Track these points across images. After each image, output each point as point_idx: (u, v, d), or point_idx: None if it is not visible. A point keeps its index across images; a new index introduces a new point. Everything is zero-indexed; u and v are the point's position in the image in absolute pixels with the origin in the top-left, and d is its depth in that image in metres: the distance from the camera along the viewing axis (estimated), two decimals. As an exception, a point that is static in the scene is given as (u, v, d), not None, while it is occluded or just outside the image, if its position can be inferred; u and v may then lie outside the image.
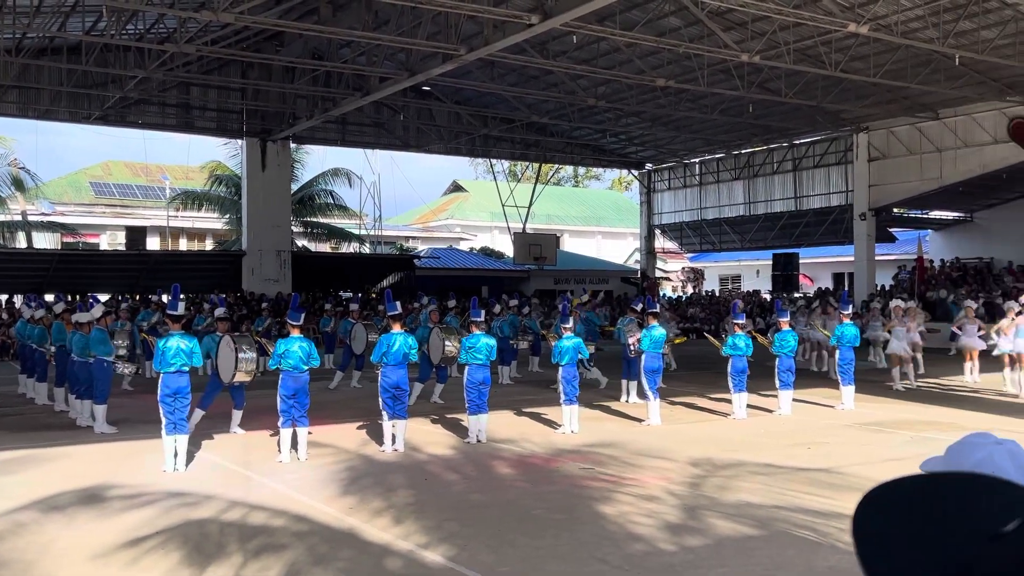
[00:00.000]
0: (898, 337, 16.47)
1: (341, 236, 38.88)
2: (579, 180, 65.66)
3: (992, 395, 15.40)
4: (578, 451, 10.43)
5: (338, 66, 22.62)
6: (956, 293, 27.26)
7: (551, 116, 30.03)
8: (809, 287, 38.95)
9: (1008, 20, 19.30)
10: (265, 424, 11.30)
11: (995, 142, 25.73)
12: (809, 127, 30.15)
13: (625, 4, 18.94)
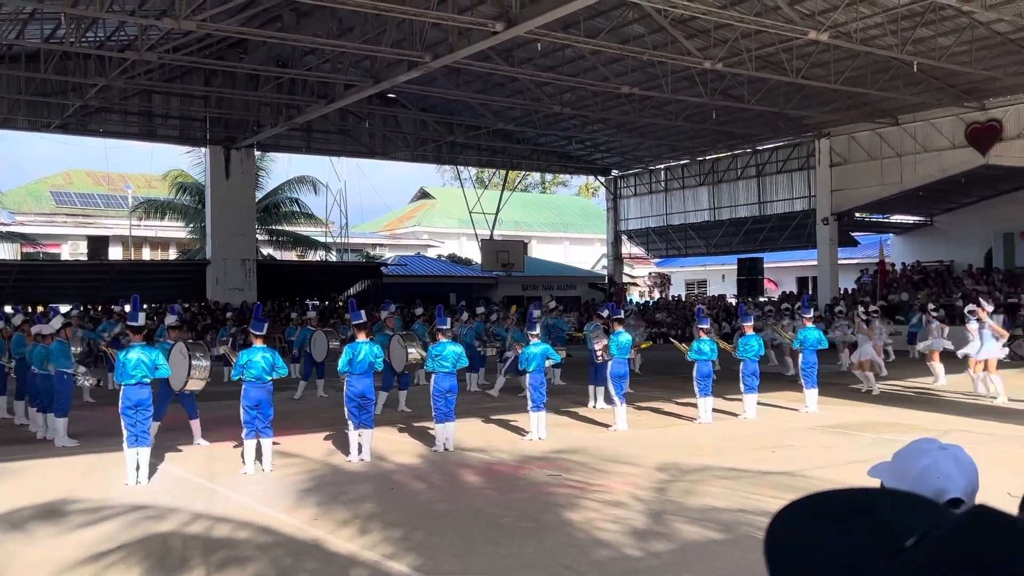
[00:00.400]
0: (862, 342, 16.64)
1: (307, 244, 38.66)
2: (546, 186, 65.87)
3: (954, 397, 15.63)
4: (545, 458, 10.44)
5: (302, 73, 22.52)
6: (916, 296, 27.70)
7: (517, 123, 30.09)
8: (774, 291, 39.35)
9: (964, 28, 19.66)
10: (229, 435, 11.18)
11: (953, 147, 26.18)
12: (772, 133, 30.49)
13: (589, 12, 19.02)
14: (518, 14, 15.87)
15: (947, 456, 1.88)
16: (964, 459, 1.90)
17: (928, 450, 1.90)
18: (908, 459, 1.91)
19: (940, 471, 1.85)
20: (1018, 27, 19.01)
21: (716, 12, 17.27)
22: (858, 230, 35.59)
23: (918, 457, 1.89)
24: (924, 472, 1.86)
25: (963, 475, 1.86)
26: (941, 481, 1.83)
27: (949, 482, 1.84)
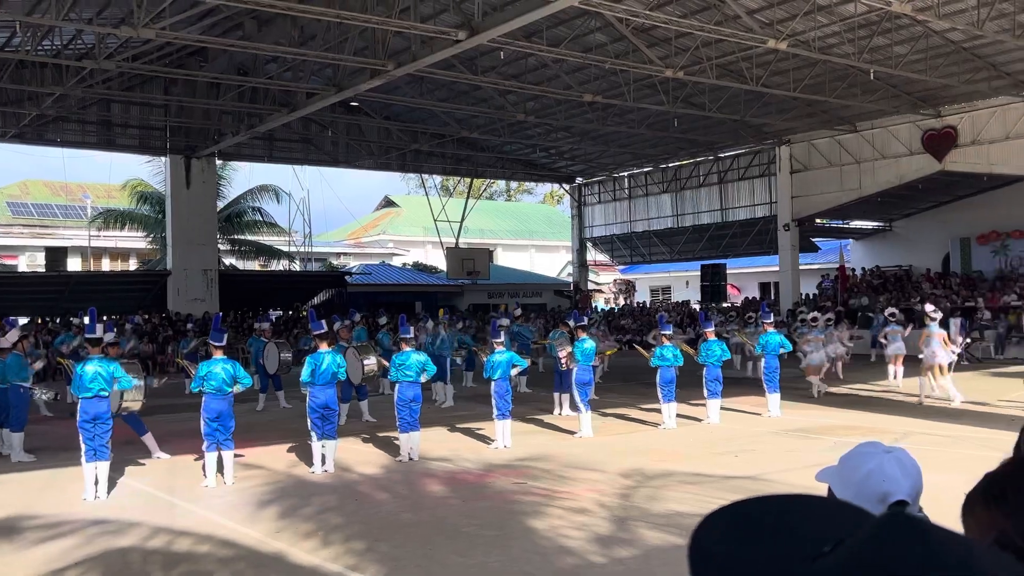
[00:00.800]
0: (816, 348, 16.78)
1: (270, 253, 38.34)
2: (512, 194, 65.96)
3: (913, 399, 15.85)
4: (511, 466, 10.44)
5: (264, 82, 22.36)
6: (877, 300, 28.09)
7: (481, 131, 30.12)
8: (737, 297, 39.72)
9: (919, 36, 20.04)
10: (190, 448, 11.04)
11: (910, 153, 26.64)
12: (733, 140, 30.82)
13: (551, 21, 19.12)
14: (480, 23, 15.91)
15: (891, 459, 1.92)
16: (908, 462, 1.93)
17: (873, 454, 1.94)
18: (854, 463, 1.94)
19: (885, 474, 1.88)
20: (971, 36, 19.40)
21: (677, 21, 17.44)
22: (819, 236, 36.06)
23: (863, 461, 1.92)
24: (869, 476, 1.89)
25: (908, 477, 1.89)
26: (886, 484, 1.86)
27: (894, 485, 1.87)
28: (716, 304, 34.02)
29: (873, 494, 1.87)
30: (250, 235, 37.34)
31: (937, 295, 27.57)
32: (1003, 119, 24.41)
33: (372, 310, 27.75)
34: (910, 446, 7.54)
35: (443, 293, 37.80)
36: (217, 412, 9.61)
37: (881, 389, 17.47)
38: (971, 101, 24.50)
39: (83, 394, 9.11)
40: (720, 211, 34.06)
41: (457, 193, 42.80)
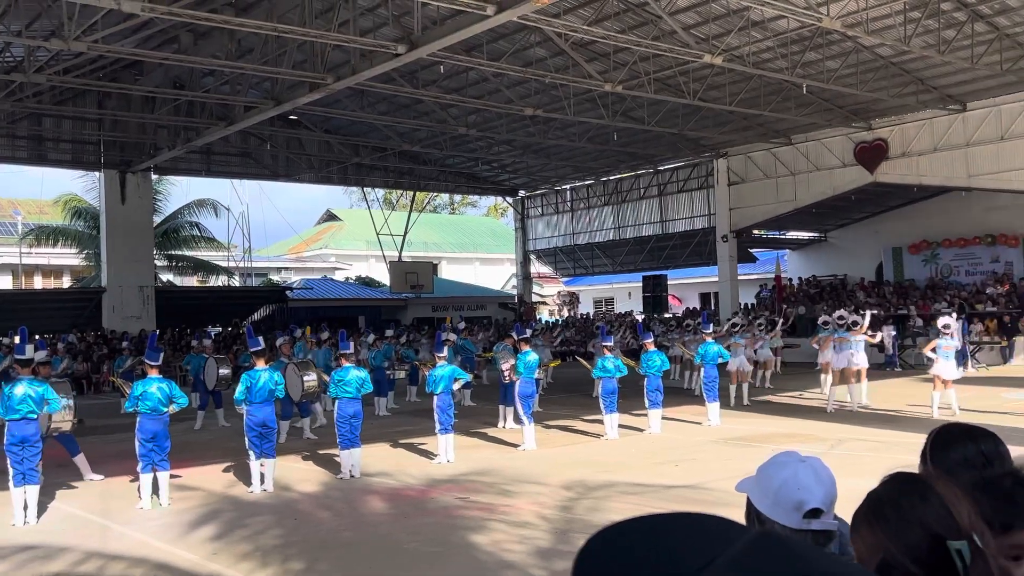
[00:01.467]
0: (735, 354, 16.97)
1: (208, 269, 37.69)
2: (455, 207, 65.95)
3: (848, 406, 16.19)
4: (453, 480, 10.40)
5: (201, 95, 22.03)
6: (814, 309, 28.67)
7: (423, 144, 30.08)
8: (678, 307, 40.20)
9: (849, 52, 20.58)
10: (124, 470, 10.78)
11: (843, 165, 27.30)
12: (672, 153, 31.24)
13: (491, 35, 19.20)
14: (420, 37, 15.91)
15: (806, 468, 1.96)
16: (823, 471, 1.98)
17: (788, 463, 1.98)
18: (770, 473, 1.99)
19: (800, 483, 1.93)
20: (899, 51, 19.99)
21: (615, 36, 17.66)
22: (756, 246, 36.69)
23: (778, 470, 1.97)
24: (784, 485, 1.94)
25: (821, 486, 1.94)
26: (801, 493, 1.91)
27: (808, 493, 1.91)
28: (658, 315, 34.40)
29: (789, 503, 1.92)
30: (188, 251, 36.68)
31: (871, 303, 28.26)
32: (931, 131, 25.17)
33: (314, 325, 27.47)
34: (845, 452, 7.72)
35: (387, 307, 37.58)
36: (152, 432, 9.42)
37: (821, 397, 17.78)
38: (900, 114, 25.21)
39: (10, 416, 8.85)
40: (660, 223, 34.48)
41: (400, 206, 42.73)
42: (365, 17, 18.97)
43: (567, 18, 18.30)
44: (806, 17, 16.32)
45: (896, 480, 1.55)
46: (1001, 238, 29.02)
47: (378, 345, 18.93)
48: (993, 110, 23.88)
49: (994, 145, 23.92)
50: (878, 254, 32.58)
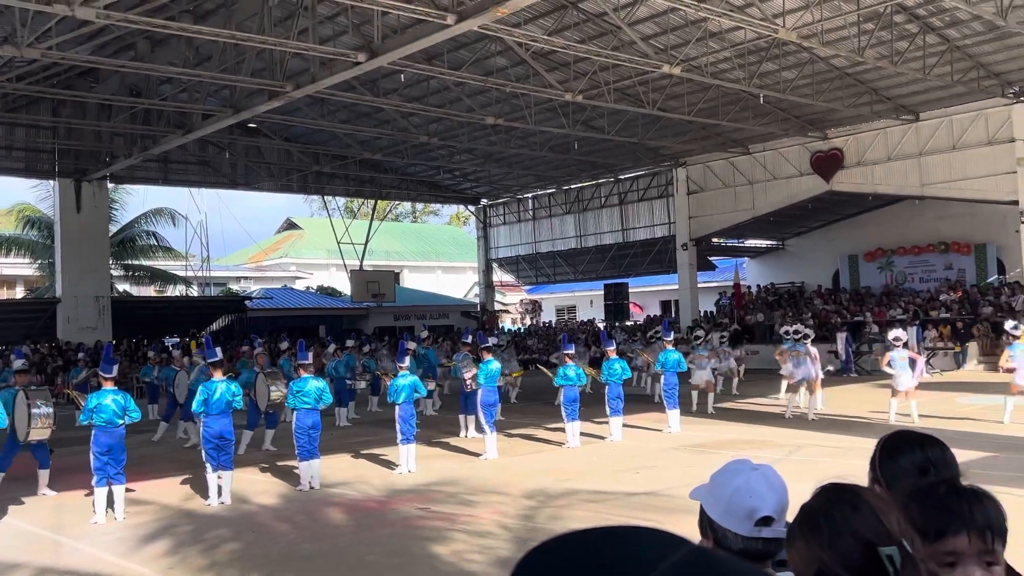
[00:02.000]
0: (700, 366, 17.08)
1: (166, 279, 37.18)
2: (417, 216, 65.79)
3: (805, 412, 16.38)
4: (415, 491, 10.35)
5: (158, 103, 21.78)
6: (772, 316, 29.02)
7: (385, 153, 29.99)
8: (639, 315, 40.46)
9: (805, 62, 20.92)
10: (78, 484, 10.58)
11: (800, 174, 27.70)
12: (632, 162, 31.49)
13: (452, 44, 19.24)
14: (380, 45, 15.88)
15: (758, 476, 1.98)
16: (775, 479, 2.00)
17: (740, 471, 2.00)
18: (723, 481, 2.00)
19: (752, 491, 1.94)
20: (854, 62, 20.35)
21: (575, 47, 17.78)
22: (716, 255, 37.07)
23: (731, 478, 1.98)
24: (737, 493, 1.95)
25: (773, 493, 1.96)
26: (753, 501, 1.93)
27: (760, 501, 1.93)
28: (620, 322, 34.59)
29: (741, 511, 1.93)
30: (145, 260, 36.16)
31: (828, 310, 28.68)
32: (885, 141, 25.64)
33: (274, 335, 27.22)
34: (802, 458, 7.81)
35: (348, 316, 37.35)
36: (108, 446, 9.26)
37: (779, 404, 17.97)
38: (855, 124, 25.67)
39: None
40: (621, 231, 34.70)
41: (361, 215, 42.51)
42: (325, 25, 18.93)
43: (528, 28, 18.39)
44: (763, 28, 16.56)
45: (827, 491, 1.57)
46: (954, 246, 29.62)
47: (339, 355, 18.79)
48: (945, 120, 24.40)
49: (946, 155, 24.45)
50: (834, 262, 33.07)
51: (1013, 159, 22.98)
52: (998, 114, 23.32)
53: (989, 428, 13.12)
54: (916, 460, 2.07)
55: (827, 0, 16.77)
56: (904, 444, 2.13)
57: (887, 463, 2.10)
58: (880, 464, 2.12)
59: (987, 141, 23.66)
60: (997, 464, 10.08)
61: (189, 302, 35.75)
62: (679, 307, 32.70)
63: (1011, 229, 24.36)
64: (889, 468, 2.09)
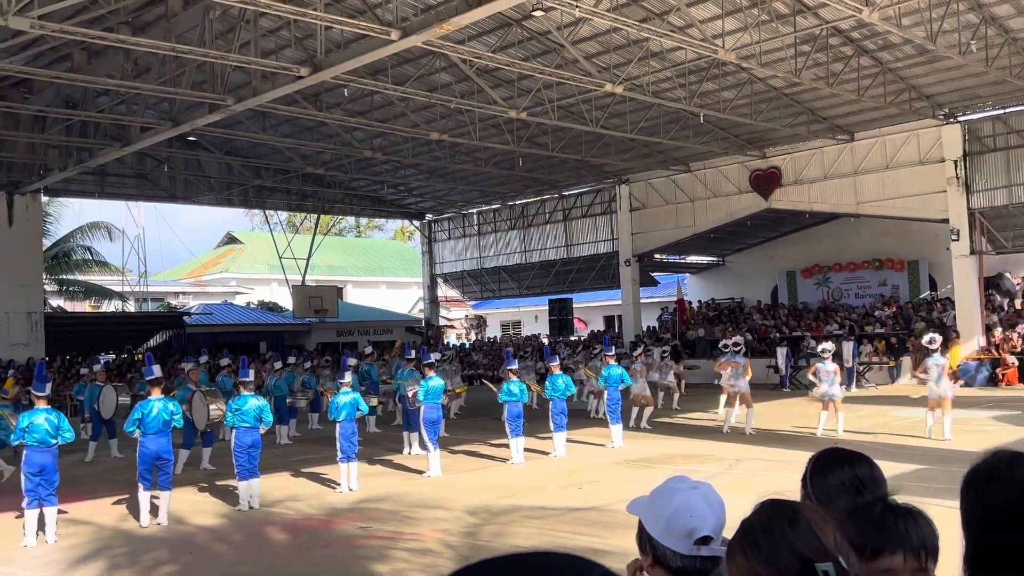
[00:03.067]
0: (635, 379, 17.18)
1: (101, 294, 36.33)
2: (362, 230, 65.37)
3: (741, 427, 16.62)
4: (356, 509, 10.24)
5: (94, 115, 21.31)
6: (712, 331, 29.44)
7: (328, 167, 29.76)
8: (583, 330, 40.68)
9: (744, 83, 21.36)
10: (8, 505, 10.26)
11: (739, 192, 28.22)
12: (576, 179, 31.75)
13: (397, 59, 19.22)
14: (324, 59, 15.80)
15: (698, 495, 2.01)
16: (714, 497, 2.03)
17: (680, 489, 2.02)
18: (663, 498, 2.03)
19: (692, 510, 1.97)
20: (791, 83, 20.84)
21: (519, 64, 17.90)
22: (658, 271, 37.48)
23: (671, 496, 2.01)
24: (677, 511, 1.98)
25: (712, 513, 1.99)
26: (693, 520, 1.95)
27: (700, 521, 1.96)
28: (564, 337, 34.75)
29: (681, 530, 1.96)
30: (80, 275, 35.30)
31: (767, 326, 29.20)
32: (821, 160, 26.28)
33: (214, 352, 26.75)
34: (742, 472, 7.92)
35: (290, 332, 36.88)
36: (40, 466, 9.00)
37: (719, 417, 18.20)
38: (793, 143, 26.25)
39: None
40: (566, 247, 34.92)
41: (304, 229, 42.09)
42: (267, 39, 18.78)
43: (472, 45, 18.47)
44: (702, 49, 16.87)
45: (766, 507, 1.61)
46: (888, 262, 30.40)
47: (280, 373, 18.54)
48: (879, 140, 25.11)
49: (880, 174, 25.15)
50: (773, 278, 33.69)
51: (943, 178, 23.73)
52: (929, 135, 24.07)
53: (922, 441, 13.47)
54: (845, 477, 2.12)
55: (765, 22, 17.16)
56: (834, 461, 2.18)
57: (818, 480, 2.15)
58: (811, 481, 2.17)
59: (919, 161, 24.40)
60: (929, 476, 10.35)
61: (125, 318, 35.00)
62: (622, 322, 32.97)
63: (942, 246, 25.12)
64: (820, 485, 2.14)
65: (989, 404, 18.28)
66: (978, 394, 20.84)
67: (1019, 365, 22.23)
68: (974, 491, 1.76)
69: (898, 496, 1.88)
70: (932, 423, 13.86)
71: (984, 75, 19.98)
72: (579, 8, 14.60)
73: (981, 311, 23.79)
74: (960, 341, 23.61)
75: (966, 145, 23.57)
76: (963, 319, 23.82)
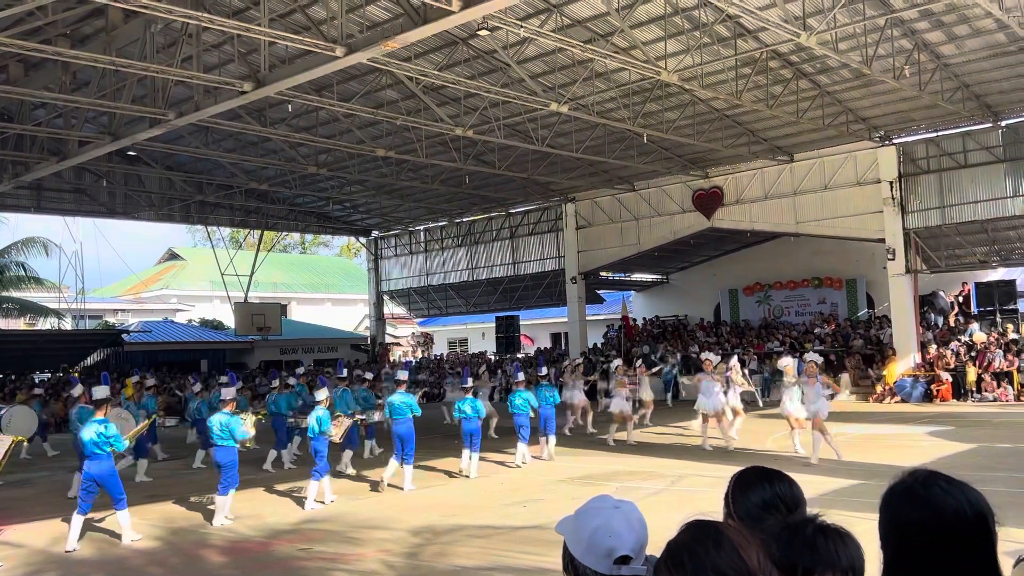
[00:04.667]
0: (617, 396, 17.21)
1: (37, 311, 35.39)
2: (307, 247, 64.77)
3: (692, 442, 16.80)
4: (296, 530, 10.09)
5: (31, 129, 20.79)
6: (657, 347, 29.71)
7: (272, 183, 29.45)
8: (530, 347, 40.76)
9: (687, 104, 21.70)
10: None
11: (683, 211, 28.62)
12: (523, 197, 31.90)
13: (342, 76, 19.12)
14: (267, 75, 15.64)
15: (619, 515, 2.03)
16: (635, 517, 2.05)
17: (601, 509, 2.04)
18: (584, 518, 2.04)
19: (611, 530, 1.99)
20: (732, 105, 21.23)
21: (465, 82, 17.95)
22: (603, 288, 37.79)
23: (592, 516, 2.03)
24: (597, 531, 1.99)
25: (632, 532, 2.01)
26: (611, 540, 1.97)
27: (619, 540, 1.98)
28: (511, 354, 34.78)
29: (600, 549, 1.98)
30: (14, 291, 34.38)
31: (710, 343, 29.55)
32: (762, 180, 26.79)
33: (152, 370, 26.22)
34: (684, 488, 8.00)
35: (232, 350, 36.33)
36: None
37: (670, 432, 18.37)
38: (734, 164, 26.74)
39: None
40: (512, 264, 35.02)
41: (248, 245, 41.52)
42: (210, 53, 18.54)
43: (418, 62, 18.47)
44: (646, 70, 17.11)
45: (691, 528, 1.64)
46: (827, 281, 31.05)
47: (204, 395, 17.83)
48: (817, 162, 25.70)
49: (818, 194, 25.71)
50: (716, 295, 34.17)
51: (880, 199, 24.35)
52: (866, 156, 24.70)
53: (857, 456, 13.72)
54: (766, 495, 2.16)
55: (707, 45, 17.47)
56: (755, 480, 2.23)
57: (739, 498, 2.19)
58: (733, 499, 2.21)
59: (856, 182, 25.01)
60: (864, 491, 10.54)
61: (61, 335, 34.15)
62: (568, 339, 33.12)
63: (879, 265, 25.76)
64: (741, 503, 2.18)
65: (924, 420, 18.73)
66: (913, 410, 21.35)
67: (952, 381, 22.81)
68: (891, 510, 1.81)
69: (829, 514, 1.93)
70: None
71: (917, 99, 20.59)
72: (524, 28, 14.71)
73: (916, 328, 24.40)
74: (896, 358, 24.19)
75: (901, 167, 24.24)
76: (899, 336, 24.40)
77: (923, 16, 17.49)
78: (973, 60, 19.58)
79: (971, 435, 15.27)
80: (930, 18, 17.66)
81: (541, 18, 17.18)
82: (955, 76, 20.38)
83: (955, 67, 19.98)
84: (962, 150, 23.45)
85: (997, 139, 22.99)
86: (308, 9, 16.16)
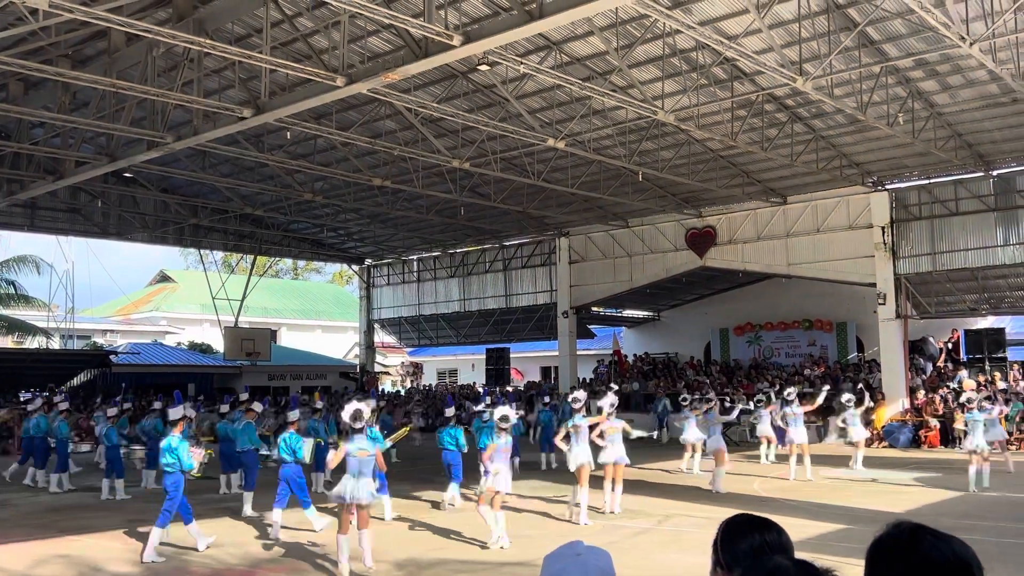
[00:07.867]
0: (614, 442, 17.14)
1: (25, 330, 35.17)
2: (299, 273, 64.71)
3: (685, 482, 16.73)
4: (279, 560, 9.99)
5: (28, 147, 20.80)
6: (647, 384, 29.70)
7: (267, 208, 29.49)
8: (520, 380, 40.67)
9: (682, 143, 21.89)
10: None
11: (676, 249, 28.75)
12: (517, 230, 32.00)
13: (341, 105, 19.23)
14: (267, 102, 15.73)
15: (577, 564, 2.10)
16: (592, 566, 2.10)
17: (563, 555, 2.12)
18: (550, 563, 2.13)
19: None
20: (727, 146, 21.42)
21: (463, 115, 18.08)
22: (595, 323, 37.82)
23: (553, 563, 2.11)
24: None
25: None
26: None
27: None
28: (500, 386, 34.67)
29: None
30: (3, 309, 34.20)
31: (700, 381, 29.55)
32: (755, 221, 26.95)
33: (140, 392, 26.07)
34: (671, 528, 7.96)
35: (220, 374, 36.14)
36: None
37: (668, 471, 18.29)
38: (728, 204, 26.90)
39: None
40: (504, 297, 35.04)
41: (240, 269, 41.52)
42: (211, 78, 18.65)
43: (417, 94, 18.61)
44: (642, 109, 17.27)
45: None
46: (817, 323, 31.15)
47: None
48: (810, 205, 25.88)
49: (811, 237, 25.87)
50: (706, 334, 34.22)
51: (871, 244, 24.51)
52: (859, 201, 24.90)
53: (847, 500, 13.69)
54: (754, 544, 2.17)
55: (703, 86, 17.66)
56: (744, 527, 2.23)
57: (728, 546, 2.20)
58: (721, 547, 2.22)
59: (848, 226, 25.18)
60: (848, 536, 10.51)
61: (48, 355, 33.89)
62: (559, 373, 33.08)
63: (869, 309, 25.83)
64: (729, 551, 2.18)
65: (911, 465, 18.72)
66: (901, 455, 21.33)
67: (941, 427, 22.81)
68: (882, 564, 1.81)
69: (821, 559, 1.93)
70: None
71: (911, 146, 20.80)
72: (524, 65, 14.85)
73: (905, 374, 24.45)
74: (885, 402, 24.20)
75: (893, 212, 24.42)
76: (888, 381, 24.45)
77: (918, 65, 17.73)
78: (966, 110, 19.83)
79: (958, 482, 15.27)
80: (925, 67, 17.91)
81: (541, 55, 17.37)
82: (948, 125, 20.63)
83: (948, 116, 20.23)
84: (954, 198, 23.66)
85: (988, 188, 23.22)
86: (310, 38, 16.28)
